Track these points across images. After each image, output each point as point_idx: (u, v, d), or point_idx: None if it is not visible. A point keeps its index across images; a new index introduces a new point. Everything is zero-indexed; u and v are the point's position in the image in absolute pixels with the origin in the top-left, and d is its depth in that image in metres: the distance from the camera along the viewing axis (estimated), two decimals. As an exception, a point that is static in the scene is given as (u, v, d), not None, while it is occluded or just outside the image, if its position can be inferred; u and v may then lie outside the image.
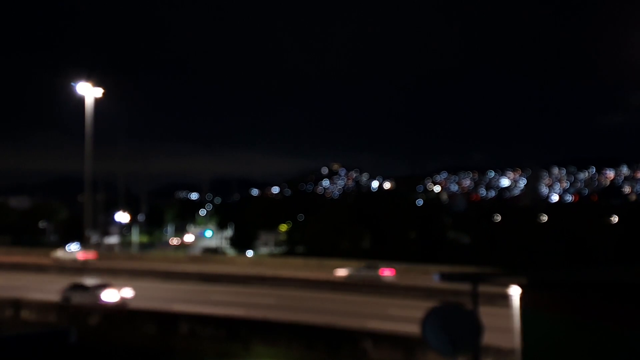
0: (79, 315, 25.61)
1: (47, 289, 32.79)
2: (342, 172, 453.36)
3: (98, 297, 28.40)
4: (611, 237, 62.30)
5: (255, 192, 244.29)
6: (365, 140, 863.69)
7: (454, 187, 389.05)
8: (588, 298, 7.19)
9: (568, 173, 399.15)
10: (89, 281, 31.55)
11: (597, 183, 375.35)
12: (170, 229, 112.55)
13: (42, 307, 26.75)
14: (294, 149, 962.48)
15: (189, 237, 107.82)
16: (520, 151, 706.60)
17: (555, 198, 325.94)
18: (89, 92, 41.98)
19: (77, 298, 28.72)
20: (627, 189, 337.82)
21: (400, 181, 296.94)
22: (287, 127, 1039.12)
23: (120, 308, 27.71)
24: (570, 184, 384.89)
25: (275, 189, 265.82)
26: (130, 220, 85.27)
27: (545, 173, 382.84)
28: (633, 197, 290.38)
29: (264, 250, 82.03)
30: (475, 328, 7.74)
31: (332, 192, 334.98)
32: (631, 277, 7.66)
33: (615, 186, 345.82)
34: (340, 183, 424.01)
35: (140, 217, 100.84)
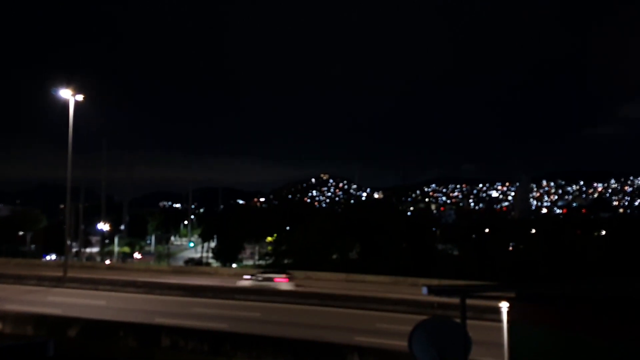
0: (58, 327, 24.89)
1: (25, 300, 32.01)
2: (331, 182, 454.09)
3: None
4: (600, 250, 62.55)
5: (241, 202, 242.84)
6: (354, 152, 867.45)
7: (443, 199, 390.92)
8: (576, 312, 7.16)
9: (557, 186, 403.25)
10: None
11: (585, 196, 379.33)
12: (152, 239, 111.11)
13: (19, 318, 25.96)
14: (281, 159, 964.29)
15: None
16: (509, 164, 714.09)
17: (544, 211, 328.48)
18: (70, 97, 41.21)
19: None
20: (615, 202, 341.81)
21: (389, 192, 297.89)
22: (275, 136, 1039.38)
23: None
24: (559, 197, 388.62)
25: (263, 200, 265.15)
26: (111, 229, 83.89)
27: (534, 186, 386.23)
28: (622, 210, 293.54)
29: (248, 262, 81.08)
30: (464, 342, 7.62)
31: (321, 202, 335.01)
32: (619, 290, 7.69)
33: (604, 199, 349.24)
34: (329, 194, 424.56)
35: (123, 227, 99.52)
